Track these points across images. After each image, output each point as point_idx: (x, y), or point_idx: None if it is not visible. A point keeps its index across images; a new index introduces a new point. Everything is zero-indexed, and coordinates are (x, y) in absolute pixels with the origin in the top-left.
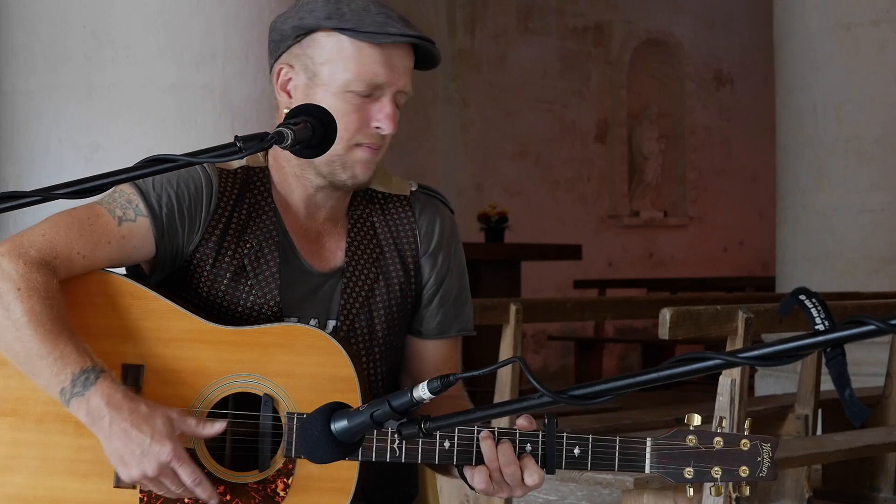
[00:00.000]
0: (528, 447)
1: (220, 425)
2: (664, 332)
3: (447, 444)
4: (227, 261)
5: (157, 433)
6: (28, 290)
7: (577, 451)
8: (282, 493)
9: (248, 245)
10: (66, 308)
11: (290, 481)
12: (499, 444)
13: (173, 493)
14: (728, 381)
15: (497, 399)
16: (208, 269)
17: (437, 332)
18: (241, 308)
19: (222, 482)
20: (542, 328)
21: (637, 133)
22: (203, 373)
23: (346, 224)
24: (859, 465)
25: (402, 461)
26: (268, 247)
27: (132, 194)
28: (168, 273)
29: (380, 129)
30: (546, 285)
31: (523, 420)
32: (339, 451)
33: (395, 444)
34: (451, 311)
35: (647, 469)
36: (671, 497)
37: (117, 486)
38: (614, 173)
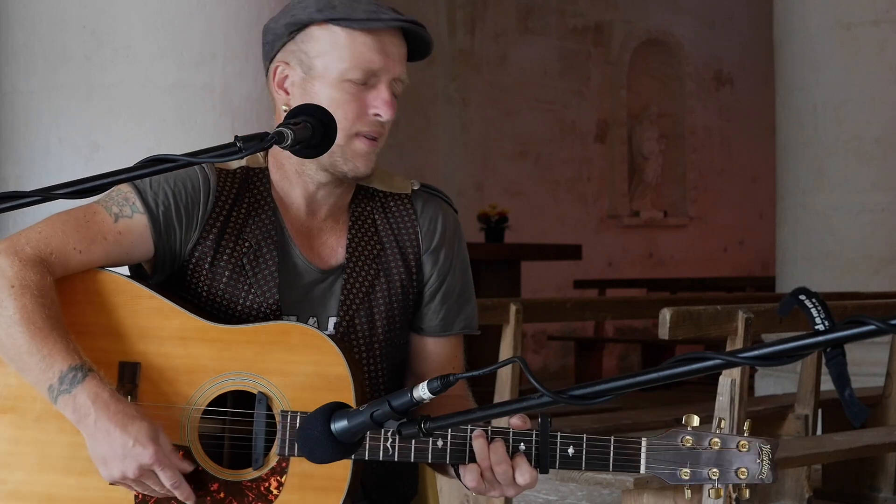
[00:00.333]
0: (522, 446)
1: (187, 466)
2: (664, 332)
3: (440, 443)
4: (225, 260)
5: (140, 435)
6: (21, 288)
7: (571, 451)
8: (275, 491)
9: (247, 244)
10: (59, 306)
11: (283, 479)
12: (491, 442)
13: (154, 492)
14: (728, 381)
15: (497, 399)
16: (207, 268)
17: (439, 329)
18: (241, 307)
19: (216, 480)
20: (542, 328)
21: (637, 133)
22: (199, 371)
23: (347, 221)
24: (859, 465)
25: (395, 460)
26: (266, 246)
27: (129, 192)
28: (168, 274)
29: (378, 116)
30: (546, 285)
31: (517, 419)
32: (339, 451)
33: (388, 442)
34: (454, 308)
35: (643, 469)
36: (671, 497)
37: (113, 482)
38: (614, 173)
